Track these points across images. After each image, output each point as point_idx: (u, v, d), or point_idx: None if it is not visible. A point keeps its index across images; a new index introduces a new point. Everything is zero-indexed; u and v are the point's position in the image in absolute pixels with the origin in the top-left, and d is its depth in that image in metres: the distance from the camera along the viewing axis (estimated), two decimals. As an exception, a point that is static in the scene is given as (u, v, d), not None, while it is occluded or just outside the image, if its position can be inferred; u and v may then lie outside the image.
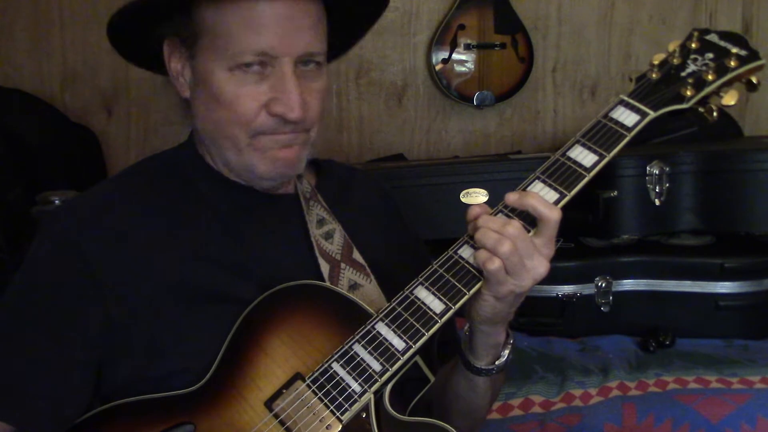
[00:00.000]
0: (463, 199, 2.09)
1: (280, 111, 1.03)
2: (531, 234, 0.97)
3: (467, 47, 2.65)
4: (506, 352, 1.09)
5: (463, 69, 2.68)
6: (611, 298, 2.05)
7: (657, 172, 2.06)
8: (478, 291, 0.99)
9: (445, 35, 2.66)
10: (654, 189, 2.07)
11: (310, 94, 1.06)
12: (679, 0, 2.79)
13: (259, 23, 1.01)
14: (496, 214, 1.00)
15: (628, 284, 2.07)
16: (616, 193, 2.07)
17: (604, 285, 2.04)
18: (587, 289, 2.07)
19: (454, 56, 2.67)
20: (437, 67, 2.67)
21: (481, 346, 1.07)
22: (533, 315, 2.05)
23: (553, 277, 1.40)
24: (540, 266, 0.97)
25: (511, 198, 0.98)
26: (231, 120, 1.05)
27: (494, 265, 0.95)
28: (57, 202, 1.91)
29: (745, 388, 1.71)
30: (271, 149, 1.07)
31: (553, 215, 0.96)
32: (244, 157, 1.08)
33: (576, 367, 1.83)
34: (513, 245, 0.94)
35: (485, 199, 2.13)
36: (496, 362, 1.08)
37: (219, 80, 1.04)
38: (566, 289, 2.07)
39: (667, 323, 2.01)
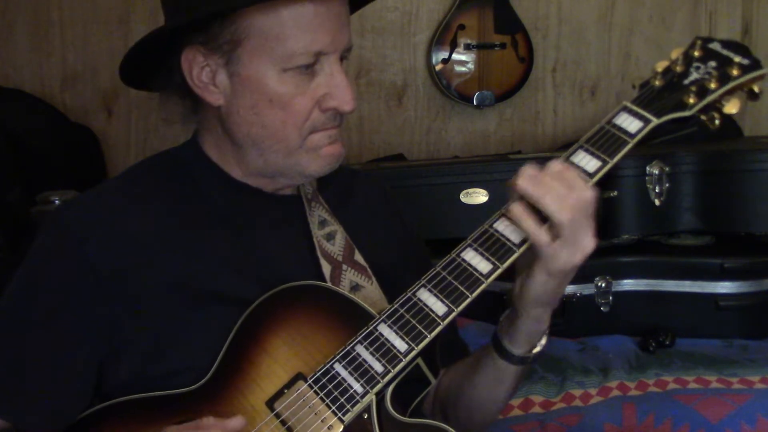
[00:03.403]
0: (463, 199, 2.10)
1: (335, 105, 1.05)
2: None
3: (467, 47, 2.66)
4: (543, 340, 1.09)
5: (463, 69, 2.68)
6: (611, 298, 2.05)
7: (657, 172, 2.06)
8: (530, 270, 1.00)
9: (445, 35, 2.66)
10: (654, 189, 2.07)
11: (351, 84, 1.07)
12: (679, 0, 2.79)
13: (313, 23, 1.01)
14: (575, 151, 1.02)
15: (628, 284, 2.07)
16: (616, 193, 2.07)
17: (604, 285, 2.04)
18: (587, 289, 2.07)
19: (454, 56, 2.67)
20: (437, 67, 2.67)
21: (524, 333, 1.07)
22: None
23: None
24: (590, 242, 0.98)
25: (557, 167, 0.98)
26: (286, 121, 1.05)
27: (544, 237, 0.95)
28: (57, 202, 1.91)
29: (745, 388, 1.71)
30: (322, 146, 1.08)
31: (587, 194, 0.97)
32: (294, 158, 1.08)
33: (576, 367, 1.83)
34: (575, 213, 0.95)
35: (485, 199, 2.14)
36: (533, 351, 1.09)
37: (271, 83, 1.03)
38: (566, 289, 2.06)
39: (667, 323, 2.01)
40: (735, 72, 1.05)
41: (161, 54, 1.08)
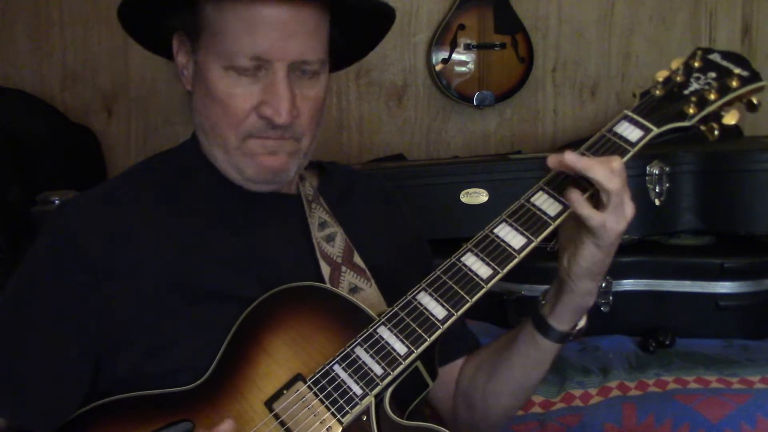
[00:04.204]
0: (463, 199, 2.10)
1: (269, 114, 1.04)
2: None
3: (467, 47, 2.66)
4: (584, 317, 1.10)
5: (463, 69, 2.68)
6: (611, 298, 2.04)
7: (657, 172, 2.06)
8: (579, 244, 1.01)
9: (445, 35, 2.66)
10: (654, 189, 2.06)
11: (303, 101, 1.07)
12: (679, 0, 2.79)
13: (255, 26, 1.02)
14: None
15: (628, 284, 2.06)
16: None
17: (604, 285, 2.03)
18: (587, 288, 2.06)
19: (454, 56, 2.67)
20: (437, 67, 2.67)
21: (572, 309, 1.08)
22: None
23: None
24: (630, 208, 0.99)
25: (571, 158, 1.00)
26: (223, 118, 1.06)
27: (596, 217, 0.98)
28: (57, 202, 1.91)
29: (745, 388, 1.71)
30: (259, 155, 1.08)
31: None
32: (232, 157, 1.09)
33: (576, 367, 1.83)
34: (621, 181, 0.97)
35: (486, 199, 2.14)
36: (576, 327, 1.10)
37: (214, 77, 1.05)
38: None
39: (667, 323, 2.00)
40: (734, 83, 1.07)
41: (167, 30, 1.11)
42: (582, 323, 1.11)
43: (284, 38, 1.03)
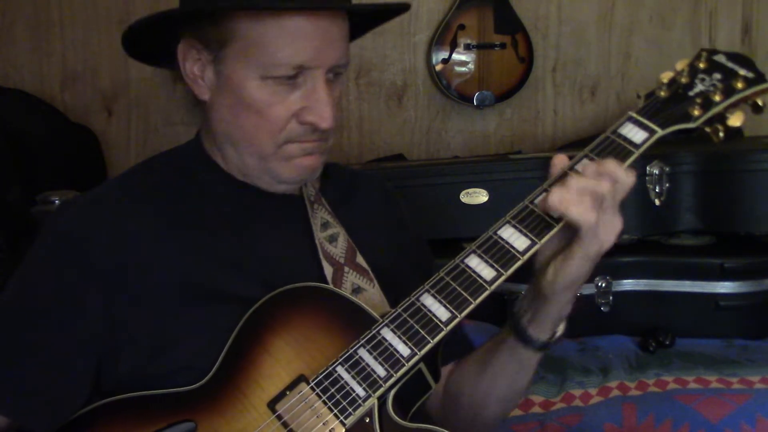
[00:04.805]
0: (463, 199, 2.10)
1: (312, 120, 1.05)
2: None
3: (467, 47, 2.66)
4: (562, 324, 1.09)
5: (463, 69, 2.68)
6: (611, 298, 2.04)
7: (657, 172, 2.06)
8: (568, 255, 1.00)
9: (445, 35, 2.66)
10: (654, 189, 2.07)
11: (333, 102, 1.07)
12: (679, 0, 2.79)
13: (298, 36, 1.02)
14: (580, 160, 1.02)
15: (628, 284, 2.06)
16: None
17: (604, 285, 2.04)
18: (587, 289, 2.06)
19: (454, 56, 2.67)
20: (437, 67, 2.67)
21: (551, 319, 1.07)
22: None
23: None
24: (619, 222, 0.98)
25: (590, 170, 0.99)
26: (260, 127, 1.06)
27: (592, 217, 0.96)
28: (57, 202, 1.91)
29: (745, 388, 1.71)
30: (296, 157, 1.09)
31: (629, 180, 0.98)
32: (267, 163, 1.09)
33: (576, 367, 1.83)
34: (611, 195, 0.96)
35: (485, 199, 2.14)
36: (555, 335, 1.09)
37: (250, 87, 1.04)
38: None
39: (667, 323, 2.01)
40: (740, 85, 1.06)
41: (166, 36, 1.09)
42: (561, 330, 1.10)
43: (325, 45, 1.04)
